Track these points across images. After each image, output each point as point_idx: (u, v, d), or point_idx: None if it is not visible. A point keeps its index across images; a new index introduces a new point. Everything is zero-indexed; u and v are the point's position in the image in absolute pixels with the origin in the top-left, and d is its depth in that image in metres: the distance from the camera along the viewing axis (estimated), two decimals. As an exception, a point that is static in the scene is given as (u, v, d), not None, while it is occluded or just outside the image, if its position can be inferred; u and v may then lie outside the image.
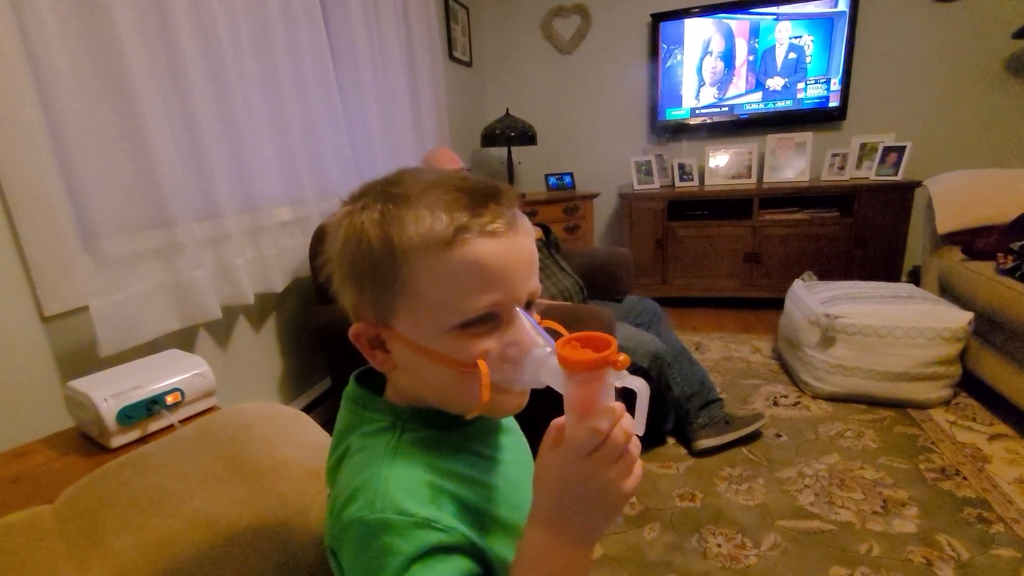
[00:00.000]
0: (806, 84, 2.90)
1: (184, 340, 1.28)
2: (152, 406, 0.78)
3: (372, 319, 0.42)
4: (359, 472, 0.40)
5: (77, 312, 1.01)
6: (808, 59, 2.86)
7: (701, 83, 3.04)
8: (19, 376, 0.93)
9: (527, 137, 2.92)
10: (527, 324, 0.40)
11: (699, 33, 2.97)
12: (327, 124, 1.73)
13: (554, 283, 1.61)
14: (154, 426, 0.80)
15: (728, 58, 2.97)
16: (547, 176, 3.22)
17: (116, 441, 0.76)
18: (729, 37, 2.94)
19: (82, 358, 1.03)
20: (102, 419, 0.74)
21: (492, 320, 0.40)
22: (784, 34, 2.86)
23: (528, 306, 0.42)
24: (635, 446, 0.36)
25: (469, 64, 3.12)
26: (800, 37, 2.84)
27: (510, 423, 0.52)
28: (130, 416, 0.76)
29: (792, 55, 2.88)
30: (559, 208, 2.96)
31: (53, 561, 0.50)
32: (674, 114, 3.12)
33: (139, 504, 0.55)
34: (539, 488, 0.37)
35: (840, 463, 1.52)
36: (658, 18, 2.99)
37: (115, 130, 1.07)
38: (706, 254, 2.89)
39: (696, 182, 3.07)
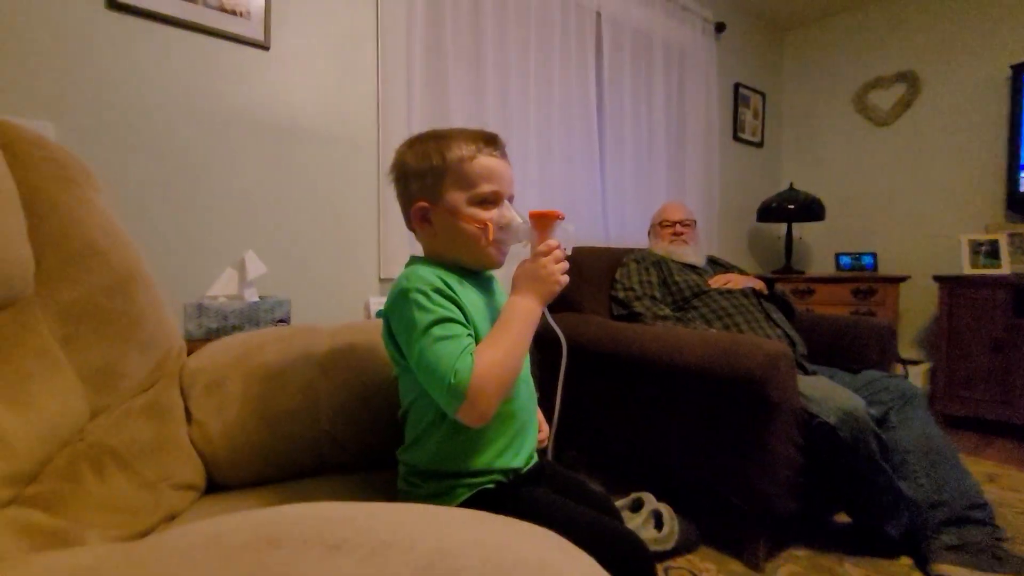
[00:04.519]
0: None
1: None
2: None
3: (428, 199, 0.72)
4: (402, 275, 0.70)
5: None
6: None
7: (1104, 141, 2.21)
8: (359, 310, 1.63)
9: (811, 212, 2.72)
10: (510, 206, 0.73)
11: (1099, 78, 2.22)
12: (586, 187, 2.19)
13: (755, 333, 1.50)
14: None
15: None
16: (838, 255, 2.84)
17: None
18: None
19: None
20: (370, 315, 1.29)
21: (493, 200, 0.71)
22: None
23: (511, 200, 0.74)
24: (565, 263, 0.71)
25: (759, 145, 3.16)
26: None
27: (501, 292, 0.77)
28: (382, 318, 1.29)
29: None
30: (845, 289, 2.58)
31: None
32: (1050, 183, 2.34)
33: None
34: (517, 280, 0.70)
35: None
36: (1021, 69, 2.39)
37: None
38: (1089, 370, 1.97)
39: (1086, 271, 2.17)
